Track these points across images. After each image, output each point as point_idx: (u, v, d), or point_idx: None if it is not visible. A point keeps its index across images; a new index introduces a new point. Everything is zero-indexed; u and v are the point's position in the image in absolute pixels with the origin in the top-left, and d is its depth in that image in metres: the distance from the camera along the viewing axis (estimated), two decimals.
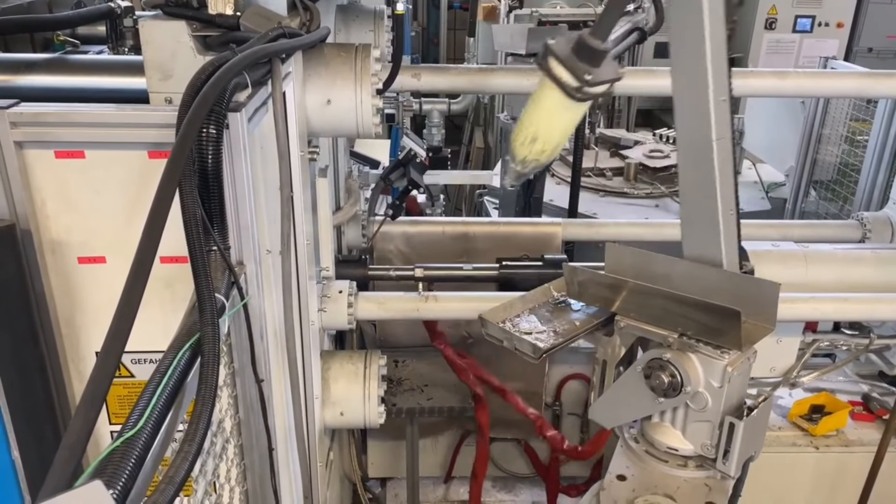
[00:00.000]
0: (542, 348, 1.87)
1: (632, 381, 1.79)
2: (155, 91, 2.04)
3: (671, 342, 1.72)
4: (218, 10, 2.00)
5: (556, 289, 2.15)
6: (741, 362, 1.69)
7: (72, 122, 1.37)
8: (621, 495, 1.77)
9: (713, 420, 1.71)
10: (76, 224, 1.45)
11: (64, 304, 1.50)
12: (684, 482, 1.79)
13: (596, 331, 1.95)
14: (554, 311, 2.07)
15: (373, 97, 2.17)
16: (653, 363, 1.73)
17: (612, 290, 1.88)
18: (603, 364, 1.93)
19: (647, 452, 1.86)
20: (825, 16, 8.14)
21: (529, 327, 2.01)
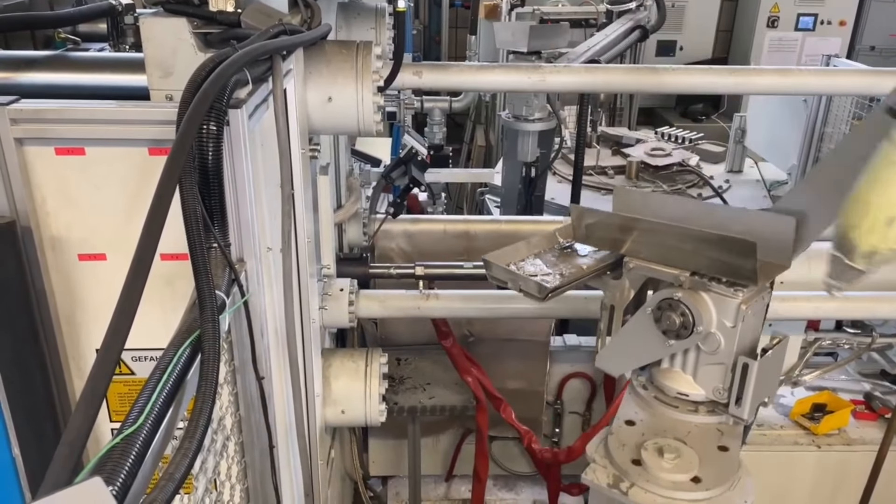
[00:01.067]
0: (549, 287, 1.77)
1: (641, 324, 1.72)
2: (156, 88, 2.03)
3: (683, 281, 1.65)
4: (219, 7, 1.99)
5: (561, 235, 2.02)
6: (755, 301, 1.63)
7: (72, 119, 1.36)
8: (630, 439, 1.72)
9: (726, 362, 1.65)
10: (76, 221, 1.44)
11: (64, 301, 1.50)
12: (695, 427, 1.74)
13: (603, 274, 1.88)
14: (560, 255, 1.98)
15: (374, 95, 2.17)
16: (663, 303, 1.66)
17: (622, 231, 1.79)
18: (610, 309, 1.86)
19: (656, 399, 1.80)
20: (827, 14, 8.14)
21: (535, 270, 1.91)
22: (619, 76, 2.79)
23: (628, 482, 1.62)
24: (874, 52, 8.28)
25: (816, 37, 8.23)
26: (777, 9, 8.13)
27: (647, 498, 1.59)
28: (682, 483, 1.58)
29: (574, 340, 3.85)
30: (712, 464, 1.63)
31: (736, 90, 2.85)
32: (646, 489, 1.59)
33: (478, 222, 3.52)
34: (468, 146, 7.76)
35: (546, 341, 3.61)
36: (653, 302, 1.69)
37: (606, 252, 1.90)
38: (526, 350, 3.60)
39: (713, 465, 1.63)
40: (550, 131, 4.48)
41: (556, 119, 4.26)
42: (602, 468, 1.69)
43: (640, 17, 4.86)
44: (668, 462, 1.60)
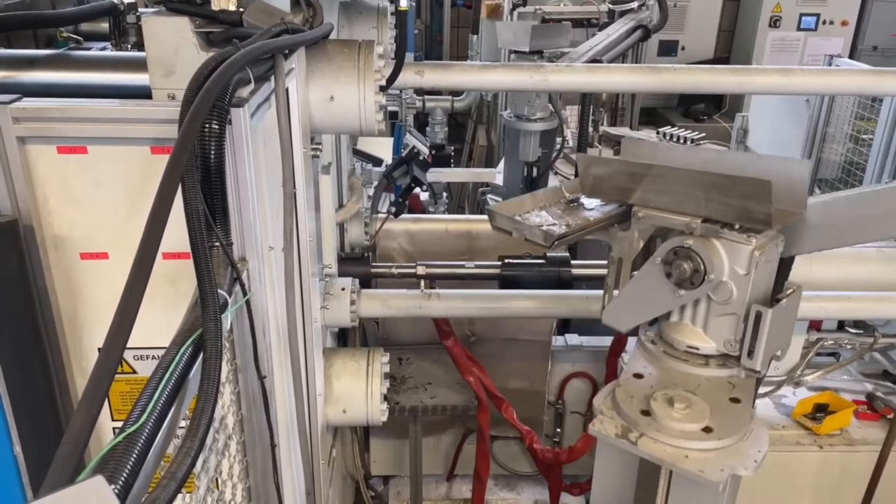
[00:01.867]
0: (555, 234, 1.72)
1: (650, 275, 1.66)
2: (158, 87, 2.03)
3: (694, 228, 1.59)
4: (221, 6, 1.99)
5: (568, 189, 1.97)
6: (769, 248, 1.58)
7: (74, 118, 1.36)
8: (638, 391, 1.67)
9: (738, 312, 1.60)
10: (78, 219, 1.44)
11: (66, 300, 1.50)
12: (706, 380, 1.69)
13: (611, 226, 1.82)
14: (566, 209, 1.91)
15: (376, 94, 2.16)
16: (673, 252, 1.61)
17: (632, 180, 1.72)
18: (618, 262, 1.80)
19: (665, 353, 1.75)
20: (830, 14, 8.12)
21: (540, 221, 1.84)
22: (621, 75, 2.78)
23: (637, 432, 1.57)
24: (876, 52, 8.27)
25: (818, 37, 8.21)
26: (779, 8, 8.12)
27: (656, 448, 1.54)
28: (692, 433, 1.53)
29: (575, 340, 3.84)
30: (724, 414, 1.58)
31: (738, 90, 2.84)
32: (655, 439, 1.55)
33: (479, 222, 3.52)
34: (470, 146, 7.75)
35: (548, 341, 3.61)
36: (663, 251, 1.62)
37: (614, 205, 1.84)
38: (527, 350, 3.60)
39: (725, 415, 1.58)
40: (552, 131, 4.48)
41: (558, 119, 4.26)
42: (609, 419, 1.63)
43: (642, 17, 4.85)
44: (679, 412, 1.55)
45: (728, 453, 1.53)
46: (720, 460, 1.51)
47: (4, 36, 2.54)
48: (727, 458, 1.52)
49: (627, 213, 1.77)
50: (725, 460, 1.51)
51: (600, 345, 3.78)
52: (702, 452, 1.52)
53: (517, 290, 2.91)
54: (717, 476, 1.47)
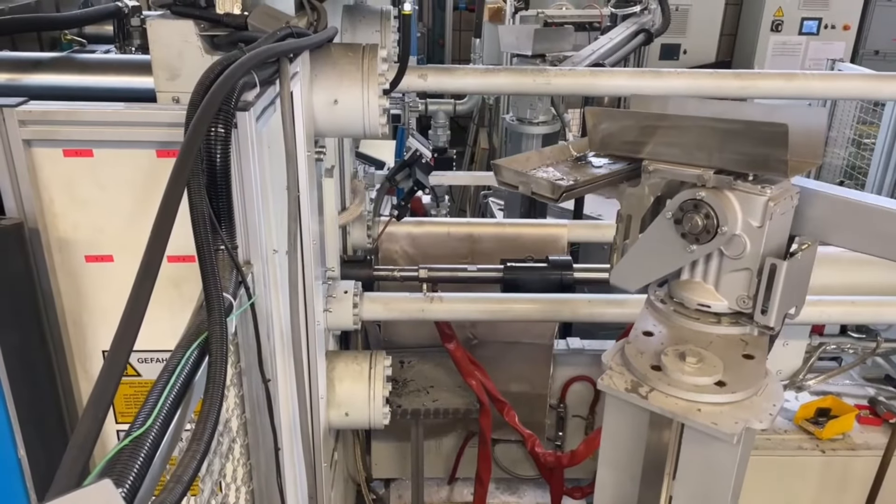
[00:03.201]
0: (563, 186, 1.64)
1: (660, 231, 1.61)
2: (162, 90, 2.03)
3: (706, 179, 1.54)
4: (226, 10, 1.99)
5: (575, 148, 1.89)
6: (784, 199, 1.54)
7: (80, 121, 1.37)
8: (649, 348, 1.63)
9: (751, 267, 1.56)
10: (84, 222, 1.45)
11: (71, 302, 1.50)
12: (717, 338, 1.64)
13: (620, 182, 1.76)
14: (573, 166, 1.83)
15: (380, 97, 2.17)
16: (685, 205, 1.55)
17: (642, 133, 1.67)
18: (627, 220, 1.74)
19: (675, 312, 1.70)
20: (832, 18, 8.13)
21: (548, 177, 1.75)
22: (622, 79, 2.79)
23: (647, 387, 1.53)
24: (878, 56, 8.28)
25: (820, 41, 8.22)
26: (781, 13, 8.13)
27: (668, 402, 1.50)
28: (705, 387, 1.50)
29: (577, 344, 3.84)
30: (737, 369, 1.55)
31: (741, 94, 2.85)
32: (666, 393, 1.51)
33: (481, 225, 3.52)
34: (471, 149, 7.76)
35: (550, 344, 3.61)
36: (674, 205, 1.57)
37: (622, 163, 1.76)
38: (529, 353, 3.60)
39: (738, 370, 1.55)
40: (554, 134, 4.48)
41: (560, 122, 4.26)
42: (619, 374, 1.59)
43: (645, 21, 4.86)
44: (691, 366, 1.51)
45: (742, 407, 1.50)
46: (734, 413, 1.48)
47: (9, 38, 2.55)
48: (741, 411, 1.49)
49: (636, 169, 1.71)
50: (739, 413, 1.48)
51: (602, 348, 3.77)
52: (715, 406, 1.48)
53: (519, 293, 2.91)
54: (731, 428, 1.44)
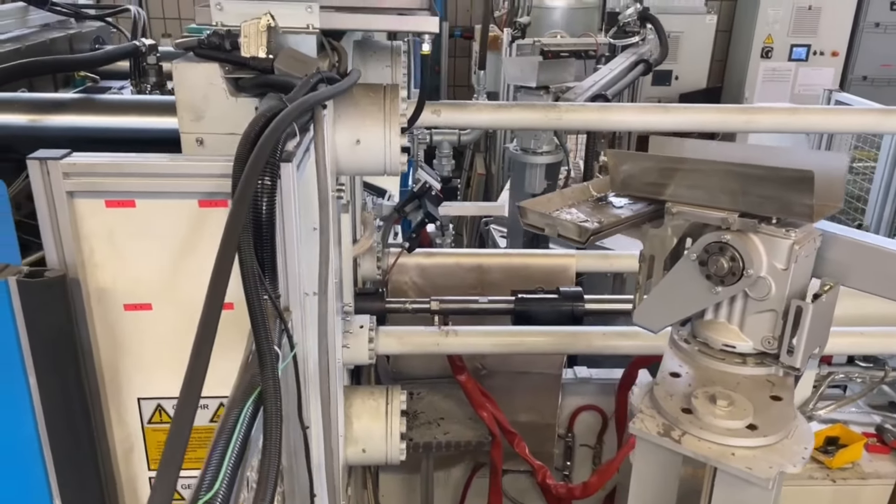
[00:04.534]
0: (590, 229, 1.68)
1: (685, 271, 1.64)
2: (186, 132, 2.06)
3: (731, 223, 1.57)
4: (251, 53, 2.02)
5: (595, 188, 1.93)
6: (807, 242, 1.56)
7: (124, 173, 1.38)
8: (677, 390, 1.65)
9: (776, 308, 1.58)
10: (123, 271, 1.45)
11: (108, 350, 1.50)
12: (744, 379, 1.67)
13: (642, 223, 1.79)
14: (595, 207, 1.87)
15: (401, 136, 2.19)
16: (710, 247, 1.58)
17: (663, 175, 1.70)
18: (650, 260, 1.76)
19: (700, 352, 1.72)
20: (820, 45, 8.30)
21: (572, 218, 1.80)
22: (631, 114, 2.84)
23: (679, 430, 1.54)
24: (866, 82, 8.44)
25: (809, 67, 8.38)
26: (770, 40, 8.29)
27: (701, 446, 1.51)
28: (737, 430, 1.51)
29: (585, 373, 3.86)
30: (767, 412, 1.56)
31: (746, 128, 2.90)
32: (699, 437, 1.52)
33: (490, 255, 3.55)
34: (467, 173, 7.81)
35: (558, 374, 3.62)
36: (698, 247, 1.60)
37: (642, 204, 1.80)
38: (538, 383, 3.60)
39: (768, 413, 1.56)
40: (557, 163, 4.53)
41: (563, 152, 4.31)
42: (650, 418, 1.60)
43: (643, 52, 4.94)
44: (722, 409, 1.53)
45: (774, 450, 1.51)
46: (767, 457, 1.49)
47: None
48: (774, 455, 1.50)
49: (659, 210, 1.75)
50: (772, 457, 1.49)
51: (609, 377, 3.80)
52: (748, 450, 1.49)
53: (533, 326, 2.93)
54: (766, 473, 1.44)
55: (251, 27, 2.04)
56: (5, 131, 2.14)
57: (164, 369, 1.54)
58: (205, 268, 1.45)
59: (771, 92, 8.45)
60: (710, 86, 8.90)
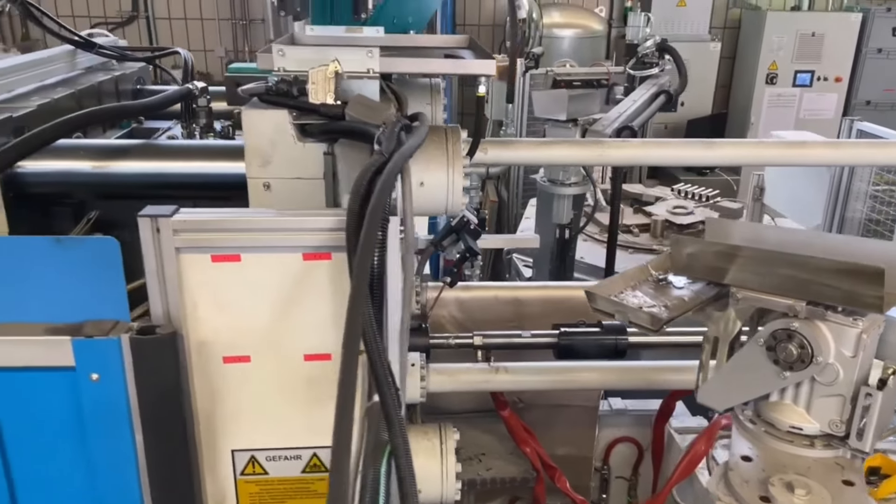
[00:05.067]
0: (662, 318, 1.75)
1: (752, 356, 1.67)
2: (254, 177, 2.08)
3: (799, 311, 1.61)
4: (320, 99, 2.05)
5: (654, 267, 2.00)
6: (873, 329, 1.60)
7: (230, 228, 1.39)
8: (751, 475, 1.67)
9: (844, 394, 1.61)
10: (225, 324, 1.45)
11: (204, 402, 1.50)
12: (814, 462, 1.68)
13: (707, 306, 1.83)
14: (656, 288, 1.95)
15: (463, 178, 2.21)
16: (778, 334, 1.62)
17: (726, 260, 1.76)
18: (714, 342, 1.81)
19: (767, 433, 1.74)
20: (824, 70, 8.43)
21: (638, 302, 1.88)
22: (674, 150, 2.86)
23: None
24: (870, 107, 8.56)
25: (814, 92, 8.50)
26: (775, 66, 8.41)
27: None
28: None
29: (620, 404, 3.84)
30: (842, 499, 1.58)
31: (785, 161, 2.94)
32: None
33: (527, 288, 3.54)
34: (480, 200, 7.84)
35: (595, 406, 3.60)
36: (765, 333, 1.64)
37: (702, 283, 1.86)
38: (576, 416, 3.58)
39: (844, 500, 1.58)
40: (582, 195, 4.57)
41: (591, 183, 4.35)
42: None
43: (663, 83, 5.02)
44: (801, 498, 1.54)
45: None
46: None
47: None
48: None
49: (721, 292, 1.80)
50: None
51: (645, 408, 3.78)
52: None
53: (582, 361, 2.92)
54: None
55: (318, 74, 2.07)
56: (68, 178, 2.16)
57: (258, 421, 1.54)
58: (306, 320, 1.47)
59: (776, 117, 8.56)
60: (716, 112, 9.01)
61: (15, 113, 2.15)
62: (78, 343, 1.29)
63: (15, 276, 1.31)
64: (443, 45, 3.08)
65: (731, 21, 9.17)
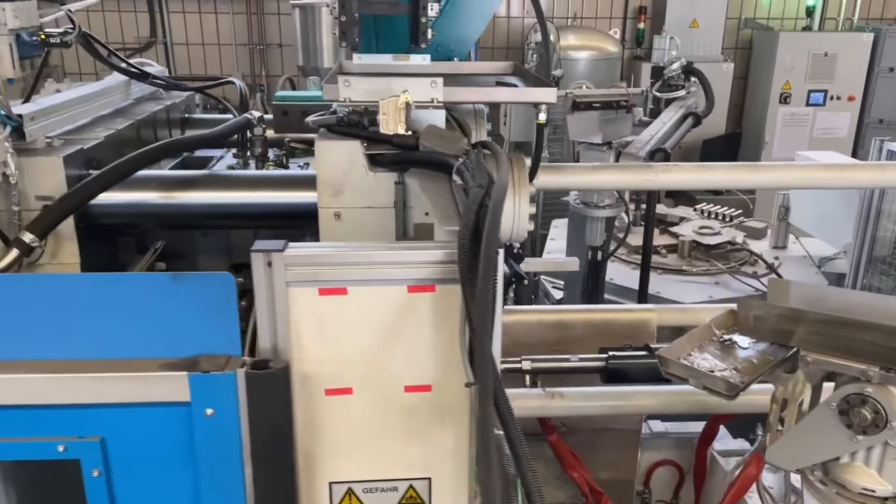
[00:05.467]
0: (738, 386, 1.75)
1: (823, 419, 1.70)
2: (325, 206, 2.10)
3: (872, 375, 1.63)
4: (391, 130, 2.08)
5: (717, 326, 2.01)
6: None
7: (339, 262, 1.40)
8: None
9: None
10: (328, 356, 1.46)
11: (305, 434, 1.50)
12: None
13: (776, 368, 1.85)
14: (722, 349, 1.95)
15: (528, 205, 2.23)
16: (851, 399, 1.65)
17: (793, 323, 1.80)
18: (782, 403, 1.84)
19: (838, 495, 1.75)
20: (837, 90, 8.49)
21: (709, 365, 1.88)
22: (721, 174, 2.89)
23: None
24: (882, 125, 8.62)
25: (827, 111, 8.56)
26: (789, 86, 8.48)
27: None
28: None
29: (660, 427, 3.83)
30: None
31: (833, 184, 2.97)
32: None
33: (570, 312, 3.55)
34: None
35: (638, 429, 3.59)
36: (838, 397, 1.66)
37: (767, 343, 1.88)
38: (619, 439, 3.57)
39: None
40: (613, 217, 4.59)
41: (624, 205, 4.37)
42: None
43: (690, 104, 5.06)
44: None
45: None
46: None
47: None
48: None
49: (789, 354, 1.83)
50: None
51: (685, 431, 3.77)
52: None
53: (635, 386, 2.93)
54: None
55: (389, 104, 2.10)
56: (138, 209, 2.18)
57: (356, 453, 1.54)
58: (408, 351, 1.48)
59: (790, 137, 8.61)
60: (729, 131, 9.06)
61: (85, 145, 2.17)
62: (195, 378, 1.30)
63: (132, 313, 1.32)
64: (490, 73, 3.12)
65: (742, 42, 9.26)
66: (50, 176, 2.02)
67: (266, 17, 8.62)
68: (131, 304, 1.32)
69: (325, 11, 5.12)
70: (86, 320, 1.32)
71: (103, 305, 1.32)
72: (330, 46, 5.22)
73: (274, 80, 8.43)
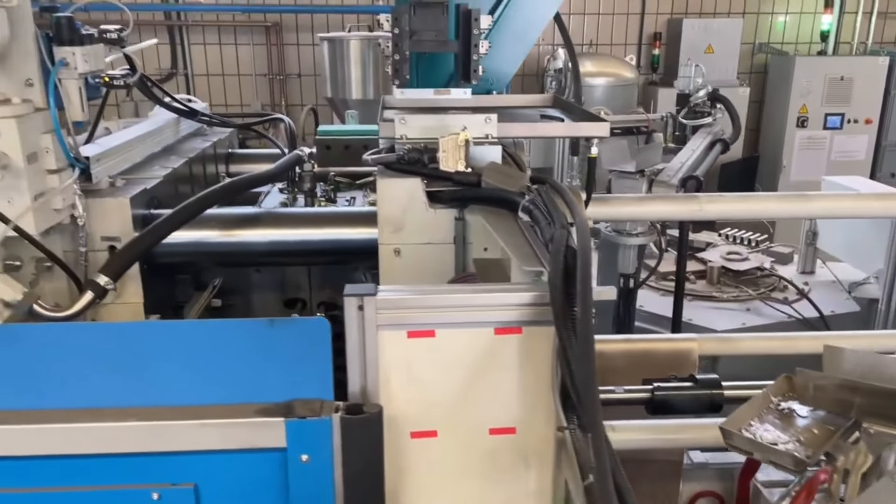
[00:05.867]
0: (806, 462, 1.77)
1: (887, 492, 1.70)
2: (385, 243, 2.12)
3: None
4: (451, 167, 2.10)
5: (773, 394, 2.06)
6: None
7: (427, 305, 1.41)
8: None
9: None
10: (415, 399, 1.46)
11: (391, 477, 1.50)
12: None
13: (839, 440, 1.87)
14: (781, 418, 1.98)
15: None
16: None
17: (853, 393, 1.84)
18: (844, 473, 1.84)
19: None
20: (854, 113, 8.52)
21: (772, 437, 1.90)
22: (769, 204, 2.91)
23: None
24: None
25: (844, 135, 8.58)
26: (805, 109, 8.51)
27: None
28: None
29: (701, 457, 3.80)
30: None
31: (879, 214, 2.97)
32: None
33: (610, 342, 3.54)
34: None
35: (680, 460, 3.57)
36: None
37: (824, 412, 1.93)
38: (661, 470, 3.54)
39: None
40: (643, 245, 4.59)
41: (657, 233, 4.38)
42: None
43: (716, 131, 5.09)
44: None
45: None
46: None
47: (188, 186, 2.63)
48: None
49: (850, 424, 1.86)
50: None
51: (725, 461, 3.74)
52: None
53: (687, 419, 2.91)
54: None
55: (449, 142, 2.12)
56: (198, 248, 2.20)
57: (439, 495, 1.54)
58: (494, 393, 1.48)
59: (808, 160, 8.63)
60: (746, 155, 9.08)
61: (147, 185, 2.20)
62: (291, 424, 1.30)
63: (228, 359, 1.33)
64: (530, 105, 3.15)
65: (756, 66, 9.32)
66: (117, 217, 2.04)
67: (286, 48, 8.74)
68: (229, 351, 1.33)
69: (354, 44, 5.18)
70: (181, 366, 1.33)
71: (199, 352, 1.33)
72: (359, 79, 5.28)
73: (293, 110, 8.52)
